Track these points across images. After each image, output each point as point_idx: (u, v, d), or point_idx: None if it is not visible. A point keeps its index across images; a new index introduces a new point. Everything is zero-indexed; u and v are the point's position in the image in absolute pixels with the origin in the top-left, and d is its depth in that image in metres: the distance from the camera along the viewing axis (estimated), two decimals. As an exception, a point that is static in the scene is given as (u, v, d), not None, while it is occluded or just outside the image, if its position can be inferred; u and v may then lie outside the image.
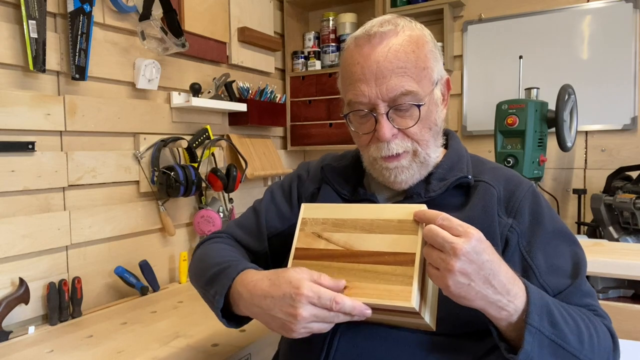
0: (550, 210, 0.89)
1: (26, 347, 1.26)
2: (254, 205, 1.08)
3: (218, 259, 0.90)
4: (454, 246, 0.65)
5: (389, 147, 0.85)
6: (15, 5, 1.37)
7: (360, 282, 0.73)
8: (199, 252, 0.99)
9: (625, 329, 1.42)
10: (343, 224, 0.79)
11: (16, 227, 1.38)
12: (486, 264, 0.67)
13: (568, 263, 0.84)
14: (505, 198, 0.86)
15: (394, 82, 0.82)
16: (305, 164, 1.10)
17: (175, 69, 1.92)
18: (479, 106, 2.40)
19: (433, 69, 0.86)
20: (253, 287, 0.78)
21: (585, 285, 0.84)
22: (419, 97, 0.84)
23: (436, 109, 0.88)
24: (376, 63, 0.82)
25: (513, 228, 0.84)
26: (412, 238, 0.73)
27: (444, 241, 0.66)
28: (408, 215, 0.75)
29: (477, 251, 0.66)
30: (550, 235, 0.85)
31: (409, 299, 0.68)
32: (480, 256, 0.66)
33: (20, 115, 1.38)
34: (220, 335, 1.30)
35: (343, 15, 2.55)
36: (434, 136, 0.89)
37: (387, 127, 0.84)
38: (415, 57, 0.83)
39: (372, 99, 0.83)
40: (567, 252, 0.85)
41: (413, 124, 0.84)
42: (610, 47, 2.13)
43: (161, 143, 1.79)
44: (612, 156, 2.16)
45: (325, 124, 2.54)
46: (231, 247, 0.99)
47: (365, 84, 0.83)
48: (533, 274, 0.82)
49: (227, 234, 1.05)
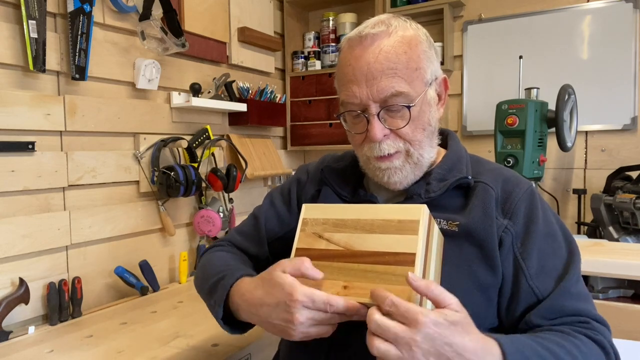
0: (547, 212, 0.88)
1: (26, 347, 1.26)
2: (254, 212, 1.09)
3: (216, 269, 0.92)
4: (406, 340, 0.62)
5: (380, 148, 0.86)
6: (15, 5, 1.37)
7: (361, 282, 0.73)
8: (201, 263, 1.01)
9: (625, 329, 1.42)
10: (344, 224, 0.79)
11: (16, 227, 1.38)
12: (445, 348, 0.63)
13: (560, 266, 0.83)
14: (503, 199, 0.86)
15: (384, 83, 0.82)
16: (304, 167, 1.10)
17: (175, 69, 1.92)
18: (479, 106, 2.40)
19: (426, 70, 0.86)
20: (249, 297, 0.79)
21: (576, 288, 0.82)
22: (410, 98, 0.84)
23: (429, 109, 0.88)
24: (367, 64, 0.83)
25: (508, 229, 0.84)
26: (412, 238, 0.73)
27: (396, 336, 0.63)
28: (408, 215, 0.75)
29: (432, 338, 0.62)
30: (544, 237, 0.84)
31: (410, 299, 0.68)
32: (435, 342, 0.62)
33: (20, 115, 1.38)
34: (220, 335, 1.30)
35: (343, 15, 2.55)
36: (428, 136, 0.89)
37: (378, 127, 0.84)
38: (406, 58, 0.84)
39: (364, 100, 0.84)
40: (560, 254, 0.85)
41: (404, 124, 0.85)
42: (610, 47, 2.13)
43: (161, 143, 1.79)
44: (612, 156, 2.16)
45: (325, 124, 2.54)
46: (231, 255, 1.00)
47: (356, 85, 0.84)
48: (523, 275, 0.82)
49: (228, 241, 1.06)
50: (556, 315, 0.80)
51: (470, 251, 0.83)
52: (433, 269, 0.76)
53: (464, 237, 0.84)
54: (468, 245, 0.83)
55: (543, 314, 0.81)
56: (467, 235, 0.83)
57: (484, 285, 0.83)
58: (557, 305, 0.80)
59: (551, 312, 0.81)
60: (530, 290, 0.81)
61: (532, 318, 0.81)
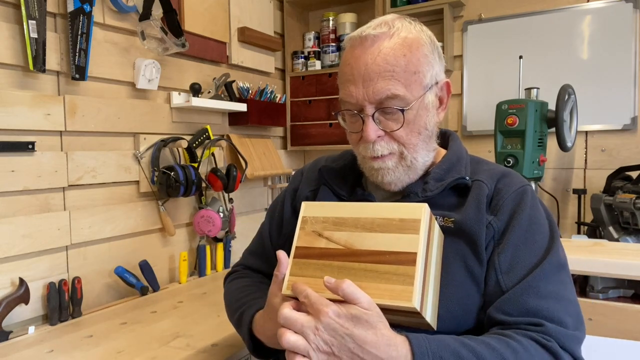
0: (536, 211, 0.86)
1: (26, 347, 1.26)
2: (259, 229, 1.14)
3: (236, 304, 0.99)
4: (311, 329, 0.68)
5: (373, 148, 0.87)
6: (15, 5, 1.37)
7: (361, 281, 0.72)
8: (225, 292, 1.08)
9: (625, 329, 1.42)
10: (344, 222, 0.79)
11: (16, 227, 1.38)
12: (346, 339, 0.67)
13: (531, 263, 0.81)
14: (493, 195, 0.87)
15: (381, 85, 0.83)
16: (298, 173, 1.10)
17: (175, 69, 1.92)
18: (479, 106, 2.40)
19: (425, 74, 0.86)
20: (266, 334, 0.86)
21: (546, 286, 0.79)
22: (406, 101, 0.84)
23: (427, 113, 0.88)
24: (365, 65, 0.83)
25: (491, 224, 0.84)
26: (413, 237, 0.73)
27: (302, 326, 0.68)
28: (409, 214, 0.75)
29: (333, 328, 0.67)
30: (523, 234, 0.83)
31: (410, 299, 0.68)
32: (336, 332, 0.67)
33: (20, 115, 1.38)
34: (220, 335, 1.30)
35: (343, 15, 2.55)
36: (424, 140, 0.89)
37: (372, 128, 0.85)
38: (405, 61, 0.83)
39: (360, 100, 0.85)
40: (536, 252, 0.83)
41: (398, 127, 0.85)
42: (610, 47, 2.13)
43: (161, 143, 1.79)
44: (612, 156, 2.16)
45: (325, 124, 2.54)
46: (248, 281, 1.06)
47: (353, 85, 0.85)
48: (494, 270, 0.82)
49: (242, 265, 1.13)
50: (513, 311, 0.78)
51: (464, 247, 0.84)
52: (434, 267, 0.76)
53: (459, 233, 0.84)
54: (462, 241, 0.84)
55: (501, 308, 0.79)
56: (461, 231, 0.84)
57: (478, 279, 0.82)
58: (516, 300, 0.78)
59: (509, 306, 0.78)
60: (498, 284, 0.81)
61: (491, 311, 0.80)
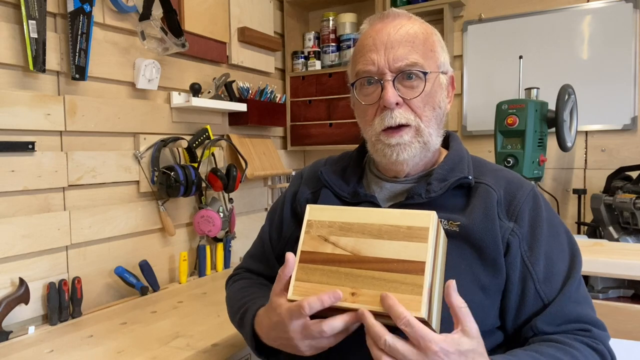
0: (550, 213, 0.89)
1: (26, 347, 1.26)
2: (259, 232, 1.14)
3: (237, 304, 0.99)
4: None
5: (392, 115, 0.86)
6: (15, 5, 1.37)
7: (369, 289, 0.71)
8: (227, 295, 1.09)
9: (625, 329, 1.42)
10: (350, 228, 0.77)
11: (16, 227, 1.38)
12: None
13: (564, 270, 0.85)
14: (507, 201, 0.87)
15: (402, 51, 0.86)
16: (297, 176, 1.10)
17: (175, 69, 1.91)
18: (479, 106, 2.40)
19: (439, 56, 0.91)
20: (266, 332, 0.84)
21: (578, 291, 0.84)
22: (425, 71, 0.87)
23: (441, 92, 0.91)
24: (387, 35, 0.87)
25: (514, 232, 0.84)
26: (421, 246, 0.72)
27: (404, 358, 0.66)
28: (417, 222, 0.74)
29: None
30: (550, 241, 0.85)
31: (420, 308, 0.67)
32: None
33: (20, 115, 1.38)
34: (220, 335, 1.30)
35: (343, 15, 2.55)
36: (437, 119, 0.90)
37: (392, 92, 0.86)
38: (424, 38, 0.89)
39: (381, 67, 0.86)
40: (564, 258, 0.86)
41: (417, 94, 0.87)
42: (610, 47, 2.13)
43: (161, 143, 1.79)
44: (612, 156, 2.16)
45: (325, 124, 2.54)
46: (249, 282, 1.06)
47: (375, 52, 0.87)
48: (531, 280, 0.83)
49: (243, 268, 1.14)
50: (560, 321, 0.82)
51: (470, 252, 0.83)
52: (439, 273, 0.75)
53: (464, 238, 0.84)
54: (468, 246, 0.84)
55: (548, 320, 0.82)
56: (467, 236, 0.83)
57: (485, 286, 0.83)
58: (561, 311, 0.82)
59: (556, 318, 0.82)
60: (537, 295, 0.83)
61: (538, 324, 0.82)
